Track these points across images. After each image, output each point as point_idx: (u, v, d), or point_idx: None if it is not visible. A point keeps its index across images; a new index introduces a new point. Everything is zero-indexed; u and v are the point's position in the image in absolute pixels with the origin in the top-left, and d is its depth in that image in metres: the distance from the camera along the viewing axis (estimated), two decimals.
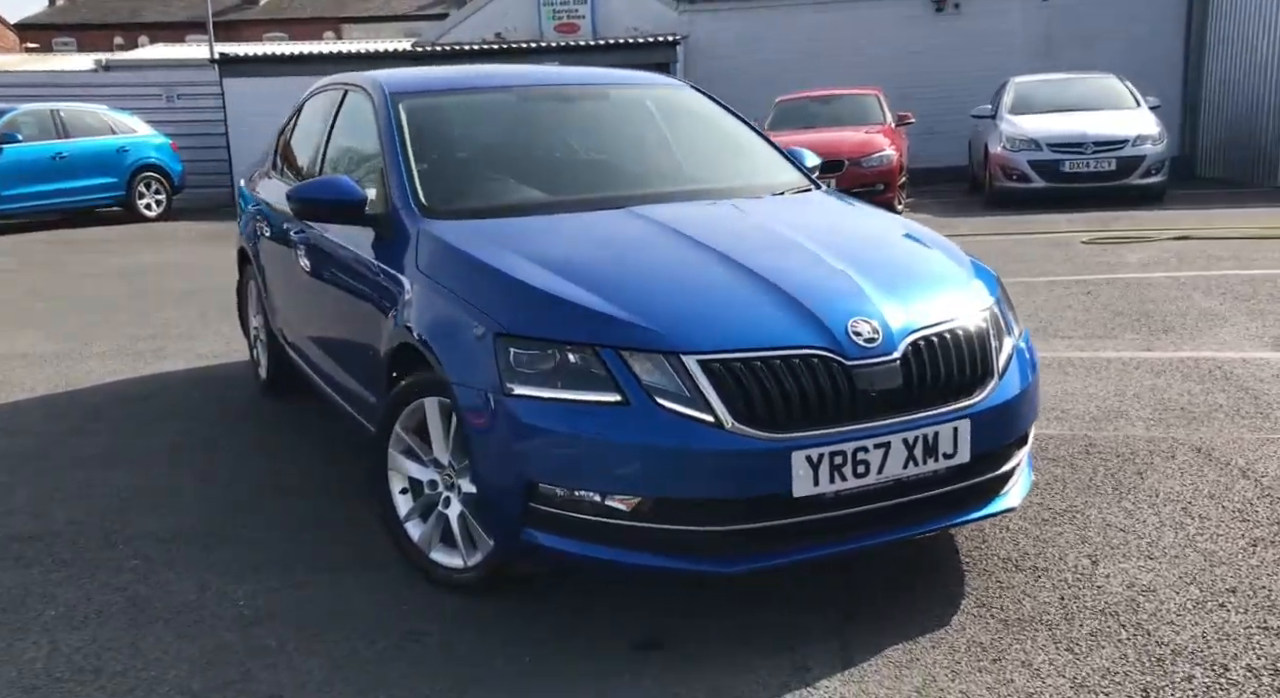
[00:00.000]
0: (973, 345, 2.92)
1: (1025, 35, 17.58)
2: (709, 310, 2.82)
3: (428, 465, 3.17)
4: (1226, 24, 16.37)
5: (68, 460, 4.47)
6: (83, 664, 2.79)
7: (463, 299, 3.00)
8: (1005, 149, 12.46)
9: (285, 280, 4.65)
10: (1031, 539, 3.34)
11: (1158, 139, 12.39)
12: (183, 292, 9.00)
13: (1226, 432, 4.23)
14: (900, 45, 17.47)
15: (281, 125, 5.37)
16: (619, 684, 2.63)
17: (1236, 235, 9.55)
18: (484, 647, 2.83)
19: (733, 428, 2.63)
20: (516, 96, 4.22)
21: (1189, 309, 6.49)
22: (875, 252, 3.31)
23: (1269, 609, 2.85)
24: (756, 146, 4.23)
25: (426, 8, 52.85)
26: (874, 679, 2.60)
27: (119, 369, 6.14)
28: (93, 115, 16.30)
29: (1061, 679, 2.56)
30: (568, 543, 2.77)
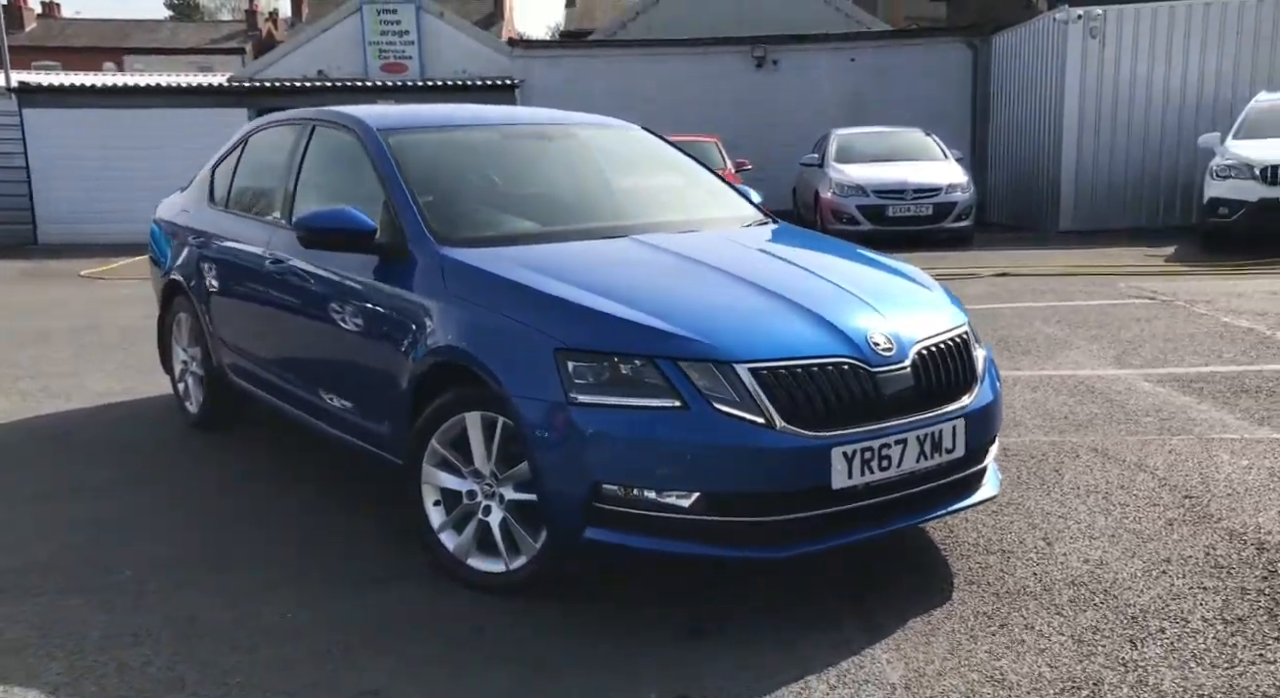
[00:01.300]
0: (962, 355, 3.37)
1: (835, 91, 18.85)
2: (750, 325, 3.16)
3: (466, 477, 3.36)
4: (1007, 90, 18.09)
5: (19, 497, 4.34)
6: (160, 677, 2.83)
7: (512, 319, 3.22)
8: (835, 194, 13.39)
9: (242, 312, 4.68)
10: (990, 527, 3.81)
11: (965, 187, 13.61)
12: (35, 331, 8.59)
13: (1111, 436, 4.88)
14: (726, 96, 18.40)
15: (215, 158, 5.37)
16: (680, 663, 2.89)
17: (1047, 272, 10.65)
18: (544, 639, 3.04)
19: (782, 428, 2.97)
20: (497, 134, 4.47)
21: (1036, 334, 7.28)
22: (865, 275, 3.73)
23: (1201, 573, 3.40)
24: (714, 183, 4.62)
25: (218, 42, 51.23)
26: (908, 645, 2.97)
27: (12, 409, 5.89)
28: None
29: (1062, 637, 3.01)
30: (629, 538, 3.03)
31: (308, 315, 4.12)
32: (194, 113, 18.11)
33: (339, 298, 3.93)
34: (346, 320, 3.87)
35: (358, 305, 3.82)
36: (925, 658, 2.90)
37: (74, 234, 17.63)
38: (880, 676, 2.81)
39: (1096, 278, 10.14)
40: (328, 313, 3.98)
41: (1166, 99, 15.33)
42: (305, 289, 4.14)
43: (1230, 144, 11.74)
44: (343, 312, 3.90)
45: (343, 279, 3.91)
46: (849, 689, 2.75)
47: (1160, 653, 2.89)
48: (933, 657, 2.91)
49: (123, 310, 9.68)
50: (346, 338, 3.88)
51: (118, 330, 8.53)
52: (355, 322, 3.83)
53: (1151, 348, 6.74)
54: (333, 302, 3.96)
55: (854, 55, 18.85)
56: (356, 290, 3.83)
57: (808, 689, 2.75)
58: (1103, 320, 7.77)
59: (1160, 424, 5.03)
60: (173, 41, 51.05)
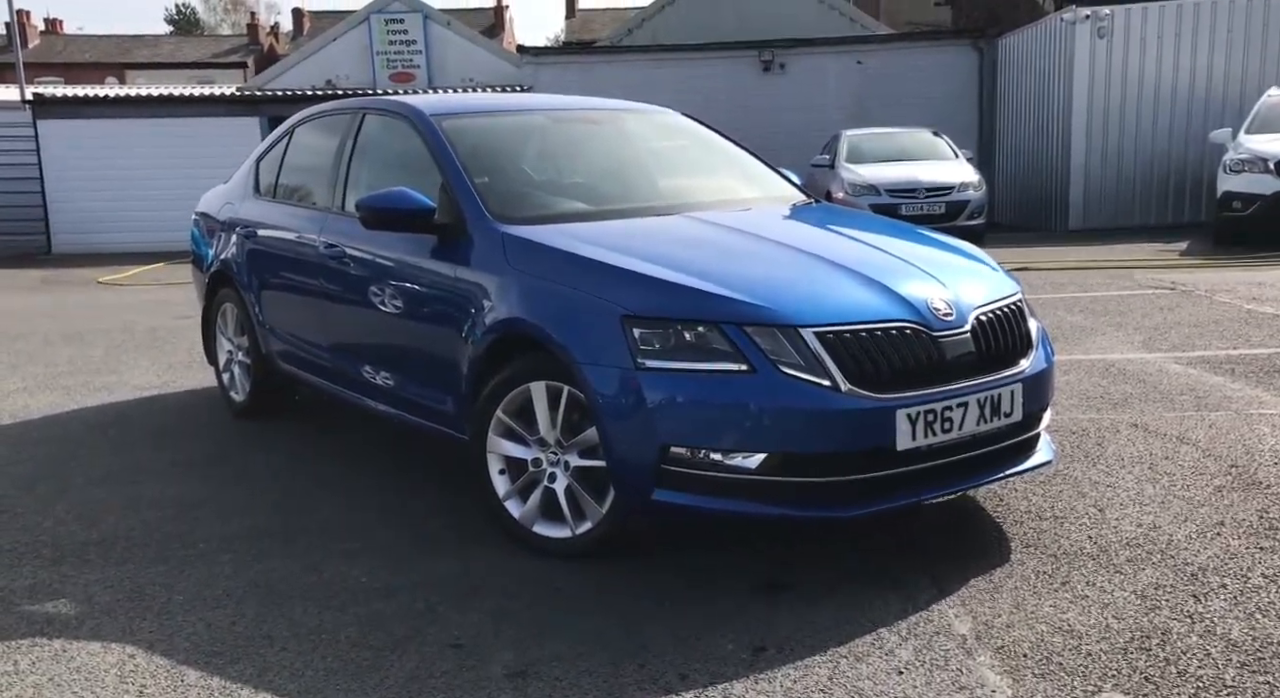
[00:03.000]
0: (1017, 321, 3.45)
1: (842, 94, 18.97)
2: (813, 291, 3.24)
3: (531, 445, 3.43)
4: (1014, 92, 18.22)
5: (83, 481, 4.42)
6: (250, 633, 2.91)
7: (578, 290, 3.30)
8: (848, 194, 13.47)
9: (294, 298, 4.76)
10: (1040, 496, 3.88)
11: (977, 186, 13.70)
12: (64, 334, 8.67)
13: (1149, 413, 4.95)
14: (733, 100, 18.51)
15: (259, 151, 5.46)
16: (764, 616, 2.97)
17: (1064, 266, 10.75)
18: (620, 595, 3.11)
19: (848, 391, 3.05)
20: (545, 119, 4.56)
21: (1062, 323, 7.36)
22: (918, 246, 3.81)
23: (1256, 535, 3.47)
24: (757, 165, 4.71)
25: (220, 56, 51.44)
26: (974, 601, 3.04)
27: (58, 402, 5.98)
28: None
29: (1125, 593, 3.07)
30: (699, 499, 3.10)
31: (363, 298, 4.19)
32: (206, 122, 18.24)
33: (396, 279, 4.01)
34: (404, 301, 3.96)
35: (416, 286, 3.90)
36: (992, 612, 2.97)
37: (88, 243, 17.73)
38: (950, 628, 2.88)
39: (1113, 271, 10.23)
40: (385, 295, 4.06)
41: (1175, 96, 15.46)
42: (360, 273, 4.22)
43: (1244, 138, 11.84)
44: (400, 293, 3.98)
45: (400, 261, 3.99)
46: (920, 641, 2.82)
47: (1225, 606, 2.96)
48: (999, 611, 2.98)
49: (147, 314, 9.77)
50: (405, 318, 3.96)
51: (147, 331, 8.61)
52: (413, 302, 3.91)
53: (1178, 333, 6.81)
54: (390, 283, 4.04)
55: (860, 58, 18.99)
56: (414, 271, 3.91)
57: (880, 640, 2.82)
58: (1125, 309, 7.85)
59: (1197, 402, 5.11)
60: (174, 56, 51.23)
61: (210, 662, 2.74)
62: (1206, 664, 2.64)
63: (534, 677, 2.65)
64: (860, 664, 2.70)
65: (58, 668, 2.75)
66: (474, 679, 2.64)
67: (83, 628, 2.98)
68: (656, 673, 2.66)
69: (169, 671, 2.70)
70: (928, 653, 2.75)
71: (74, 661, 2.78)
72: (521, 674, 2.66)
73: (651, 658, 2.74)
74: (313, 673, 2.68)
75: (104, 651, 2.83)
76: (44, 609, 3.12)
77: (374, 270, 4.14)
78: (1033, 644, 2.78)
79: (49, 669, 2.74)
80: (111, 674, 2.70)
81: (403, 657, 2.76)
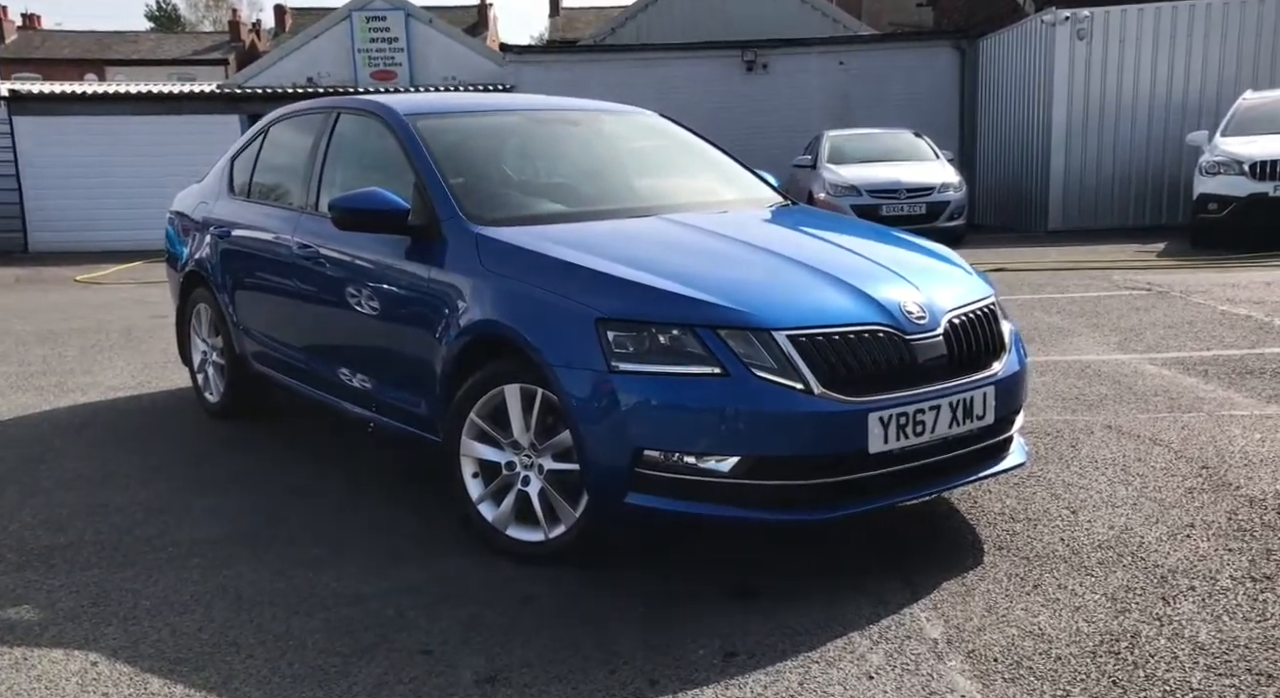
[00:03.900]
0: (990, 324, 3.46)
1: (825, 94, 19.00)
2: (786, 294, 3.23)
3: (505, 448, 3.41)
4: (994, 93, 18.28)
5: (52, 484, 4.38)
6: (218, 640, 2.88)
7: (552, 292, 3.29)
8: (829, 195, 13.49)
9: (267, 298, 4.72)
10: (1013, 498, 3.89)
11: (958, 187, 13.75)
12: (39, 333, 8.59)
13: (1123, 414, 4.97)
14: (716, 100, 18.52)
15: (233, 150, 5.42)
16: (729, 621, 2.96)
17: (1042, 267, 10.78)
18: (592, 602, 3.10)
19: (820, 393, 3.04)
20: (520, 119, 4.54)
21: (1039, 324, 7.39)
22: (892, 249, 3.81)
23: (1226, 536, 3.48)
24: (734, 167, 4.70)
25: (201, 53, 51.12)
26: (946, 605, 3.04)
27: (30, 403, 5.92)
28: None
29: (1096, 596, 3.08)
30: (670, 503, 3.09)
31: (336, 299, 4.17)
32: (186, 120, 18.12)
33: (370, 281, 3.98)
34: (378, 303, 3.93)
35: (389, 287, 3.88)
36: (964, 616, 2.97)
37: (65, 242, 17.58)
38: (921, 632, 2.88)
39: (1091, 272, 10.27)
40: (359, 296, 4.03)
41: (1153, 98, 15.54)
42: (333, 273, 4.19)
43: (1220, 141, 11.91)
44: (374, 294, 3.95)
45: (374, 262, 3.96)
46: (892, 645, 2.82)
47: (1194, 609, 2.97)
48: (971, 614, 2.98)
49: (123, 313, 9.69)
50: (378, 320, 3.93)
51: (121, 331, 8.54)
52: (387, 303, 3.88)
53: (1153, 334, 6.85)
54: (363, 284, 4.01)
55: (843, 58, 19.02)
56: (388, 272, 3.89)
57: (851, 645, 2.82)
58: (1101, 310, 7.88)
59: (1170, 403, 5.13)
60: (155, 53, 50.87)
61: (175, 669, 2.71)
62: (1174, 668, 2.64)
63: (503, 683, 2.63)
64: (831, 669, 2.69)
65: (17, 677, 2.71)
66: (442, 685, 2.62)
67: (45, 635, 2.94)
68: (626, 679, 2.65)
69: (132, 678, 2.67)
70: (899, 658, 2.74)
71: (34, 669, 2.75)
72: (490, 680, 2.64)
73: (621, 664, 2.73)
74: (279, 680, 2.65)
75: (66, 658, 2.79)
76: (5, 616, 3.08)
77: (348, 271, 4.11)
78: (1003, 648, 2.78)
79: (8, 678, 2.71)
80: (73, 683, 2.67)
81: (370, 663, 2.74)
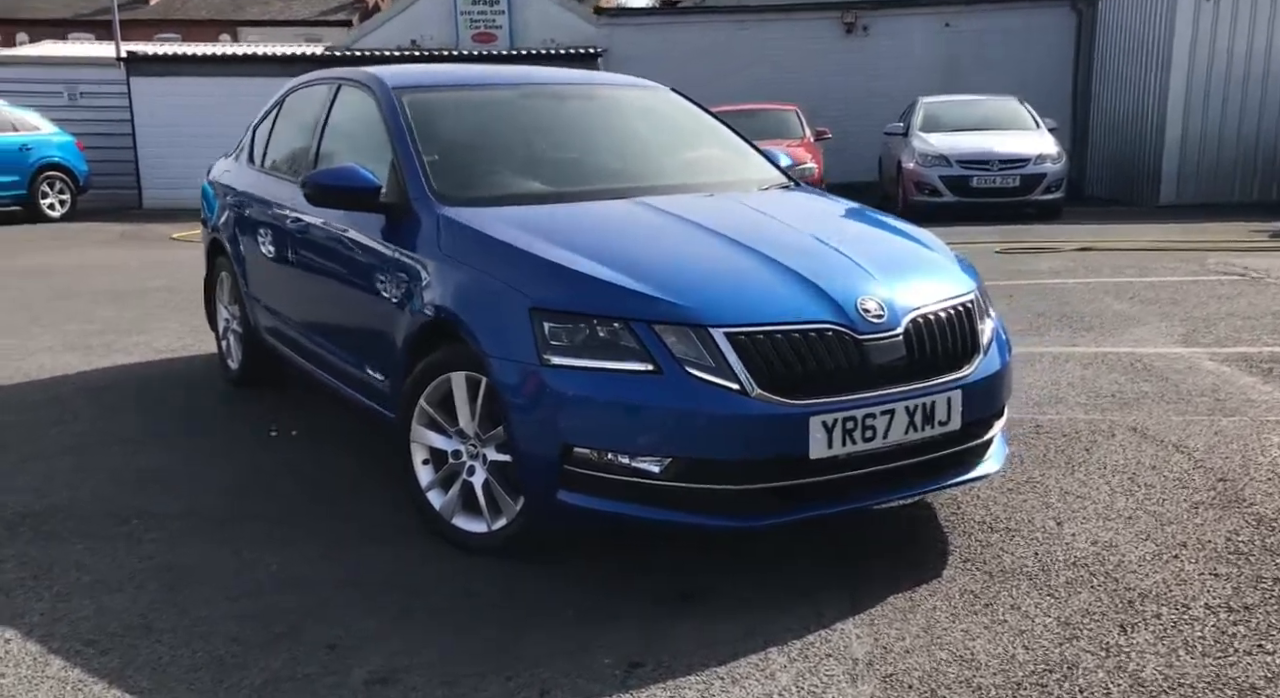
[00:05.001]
0: (963, 324, 3.24)
1: (928, 58, 18.36)
2: (732, 288, 3.08)
3: (452, 437, 3.35)
4: (1112, 57, 17.37)
5: (55, 448, 4.50)
6: (134, 622, 2.90)
7: (494, 278, 3.20)
8: (918, 164, 13.05)
9: (272, 270, 4.75)
10: (1001, 506, 3.67)
11: (1056, 158, 13.14)
12: (114, 291, 8.90)
13: (1156, 415, 4.65)
14: (812, 63, 18.07)
15: (256, 119, 5.45)
16: (661, 628, 2.85)
17: (1133, 247, 10.23)
18: (528, 602, 3.02)
19: (756, 395, 2.89)
20: (514, 94, 4.44)
21: (1104, 310, 6.99)
22: (868, 239, 3.61)
23: (1217, 560, 3.22)
24: (738, 145, 4.52)
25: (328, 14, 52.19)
26: (882, 622, 2.88)
27: (74, 363, 6.12)
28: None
29: (1048, 619, 2.88)
30: (601, 503, 2.99)
31: (321, 273, 4.17)
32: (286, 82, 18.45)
33: (347, 256, 3.96)
34: (353, 278, 3.91)
35: (364, 264, 3.84)
36: (897, 634, 2.81)
37: (176, 199, 18.16)
38: (845, 650, 2.73)
39: (1187, 253, 9.69)
40: (338, 271, 4.04)
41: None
42: (320, 248, 4.19)
43: None
44: (350, 270, 3.94)
45: (353, 238, 3.93)
46: (809, 663, 2.67)
47: (1149, 639, 2.75)
48: (905, 634, 2.81)
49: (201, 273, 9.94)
50: (352, 296, 3.92)
51: (190, 291, 8.72)
52: (361, 280, 3.86)
53: (1226, 326, 6.41)
54: (342, 260, 4.00)
55: (949, 20, 18.31)
56: (363, 249, 3.85)
57: (766, 661, 2.69)
58: (1179, 297, 7.42)
59: (1214, 405, 4.79)
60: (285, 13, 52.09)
61: (80, 652, 2.73)
62: None
63: (393, 684, 2.58)
64: (734, 688, 2.57)
65: None
66: (330, 685, 2.58)
67: None
68: (518, 687, 2.57)
69: (34, 659, 2.70)
70: (810, 678, 2.60)
71: None
72: (381, 682, 2.60)
73: (522, 670, 2.65)
74: (175, 669, 2.65)
75: None
76: None
77: (330, 246, 4.10)
78: (924, 674, 2.61)
79: None
80: None
81: (271, 656, 2.71)
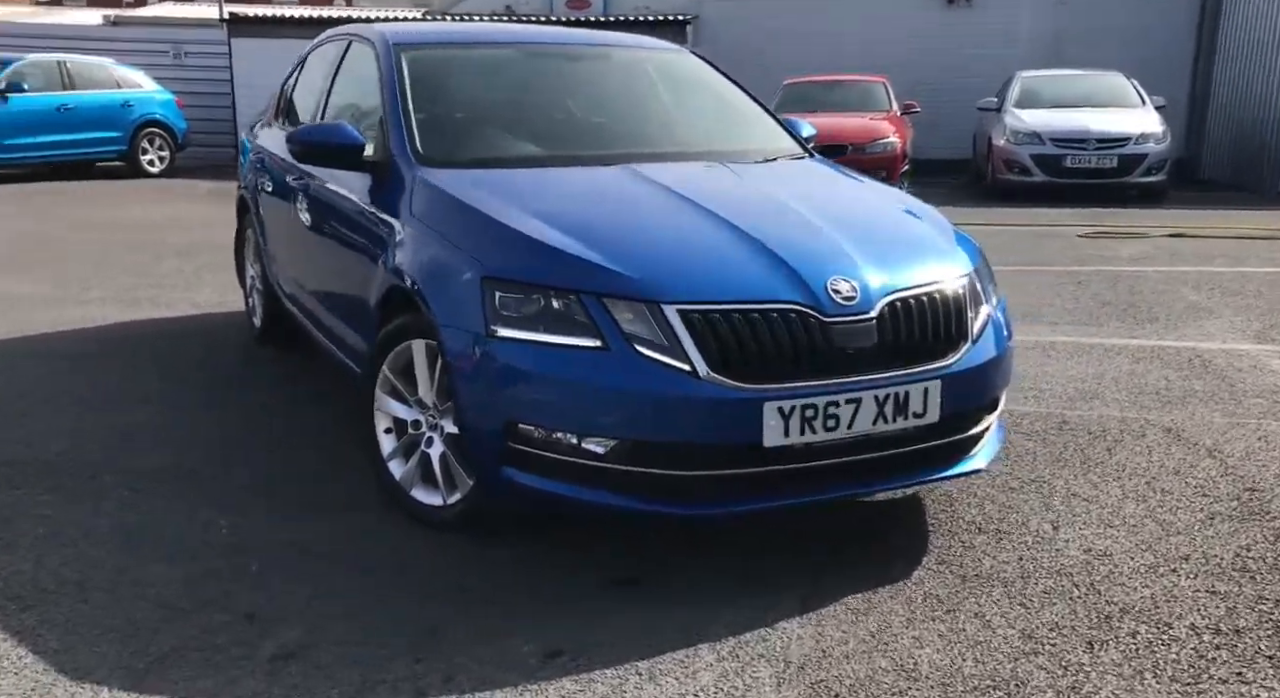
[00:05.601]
0: (949, 309, 3.00)
1: (1035, 30, 17.57)
2: (691, 263, 2.90)
3: (412, 406, 3.25)
4: (1238, 29, 16.37)
5: (64, 399, 4.55)
6: (67, 578, 2.89)
7: (453, 244, 3.08)
8: (1008, 142, 12.50)
9: (282, 228, 4.72)
10: (997, 505, 3.42)
11: (1160, 138, 12.43)
12: (183, 245, 9.05)
13: (1199, 415, 4.32)
14: (911, 35, 17.46)
15: (286, 76, 5.42)
16: (596, 614, 2.73)
17: (1230, 235, 9.63)
18: (467, 581, 2.92)
19: (707, 377, 2.71)
20: (519, 53, 4.30)
21: (1175, 301, 6.57)
22: (860, 215, 3.39)
23: (1218, 576, 2.94)
24: (753, 113, 4.31)
25: None
26: (831, 623, 2.69)
27: (116, 314, 6.21)
28: (100, 68, 16.26)
29: (1011, 631, 2.66)
30: (545, 482, 2.86)
31: (318, 232, 4.12)
32: None
33: (339, 215, 3.90)
34: (343, 238, 3.85)
35: (351, 223, 3.77)
36: (841, 638, 2.62)
37: None
38: (780, 651, 2.56)
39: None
40: (333, 230, 3.98)
41: None
42: (316, 206, 4.14)
43: None
44: (341, 230, 3.87)
45: (343, 196, 3.86)
46: (738, 663, 2.51)
47: (1115, 659, 2.51)
48: (850, 637, 2.62)
49: None
50: (342, 256, 3.85)
51: None
52: (349, 240, 3.79)
53: None
54: (334, 219, 3.94)
55: None
56: (351, 208, 3.78)
57: (691, 658, 2.53)
58: (1265, 290, 6.93)
59: (1268, 407, 4.42)
60: None
61: (3, 608, 2.71)
62: None
63: (297, 660, 2.50)
64: (649, 685, 2.43)
65: None
66: (236, 657, 2.50)
67: None
68: (424, 671, 2.46)
69: None
70: (731, 681, 2.44)
71: None
72: (288, 657, 2.51)
73: (433, 653, 2.54)
74: (88, 631, 2.61)
75: None
76: None
77: (324, 205, 4.04)
78: (856, 682, 2.42)
79: None
80: None
81: (186, 624, 2.65)
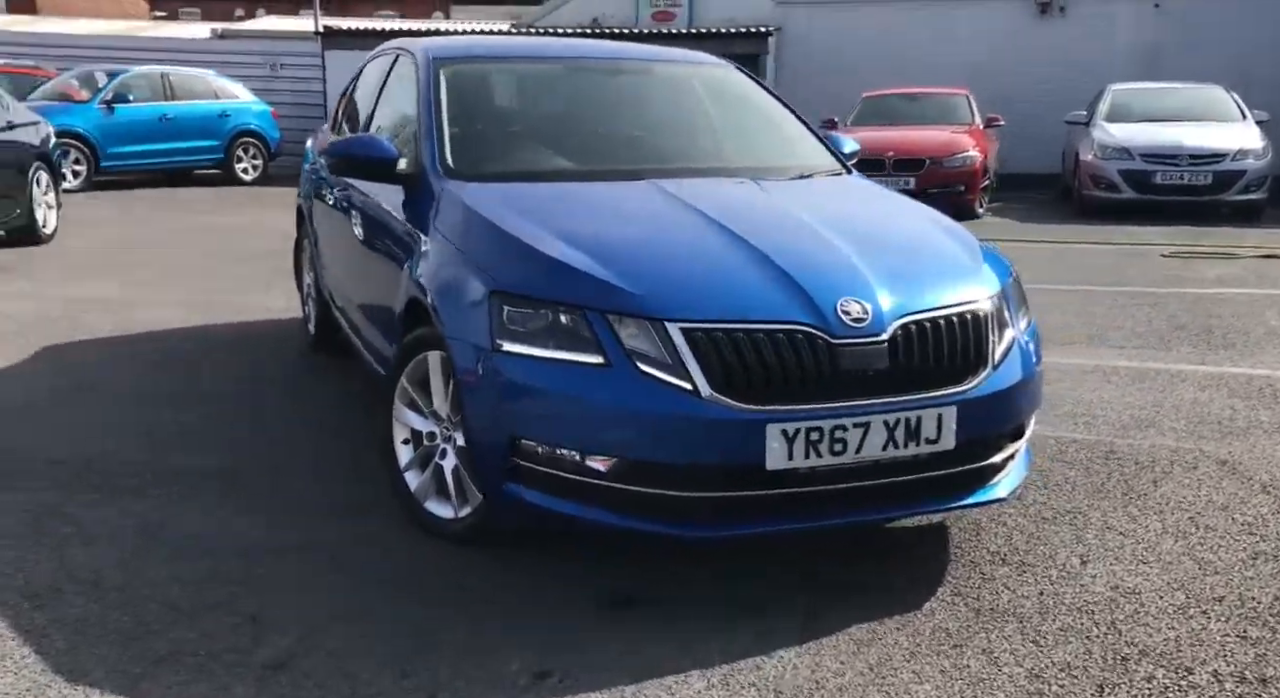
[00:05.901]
0: (968, 332, 2.91)
1: (1132, 41, 17.06)
2: (698, 281, 2.86)
3: (428, 418, 3.27)
4: None
5: (115, 398, 4.70)
6: (85, 579, 2.95)
7: (468, 257, 3.09)
8: (1096, 157, 12.14)
9: (331, 238, 4.80)
10: (1026, 536, 3.30)
11: (1260, 154, 11.93)
12: (263, 251, 9.25)
13: (1260, 447, 4.12)
14: (999, 46, 17.09)
15: (344, 88, 5.52)
16: (588, 636, 2.70)
17: None
18: (467, 597, 2.91)
19: (709, 397, 2.67)
20: (561, 68, 4.31)
21: (1255, 327, 6.29)
22: (884, 234, 3.31)
23: (1252, 620, 2.79)
24: (793, 130, 4.24)
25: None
26: (830, 653, 2.62)
27: (187, 318, 6.39)
28: (200, 80, 16.85)
29: (1018, 669, 2.55)
30: (547, 499, 2.84)
31: (358, 243, 4.17)
32: None
33: (375, 226, 3.95)
34: (377, 250, 3.90)
35: (385, 234, 3.82)
36: (838, 669, 2.55)
37: None
38: (774, 681, 2.50)
39: None
40: (368, 241, 4.04)
41: None
42: (357, 217, 4.19)
43: None
44: (376, 241, 3.92)
45: (380, 208, 3.91)
46: (727, 691, 2.46)
47: None
48: (847, 669, 2.55)
49: None
50: (375, 266, 3.91)
51: None
52: (382, 250, 3.84)
53: None
54: (371, 230, 3.99)
55: (1159, 1, 16.93)
56: (386, 220, 3.82)
57: (683, 684, 2.48)
58: None
59: None
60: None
61: (16, 606, 2.75)
62: None
63: (289, 670, 2.51)
64: None
65: None
66: (228, 664, 2.53)
67: None
68: (412, 687, 2.46)
69: None
70: None
71: None
72: (279, 667, 2.53)
73: (422, 669, 2.54)
74: (94, 632, 2.65)
75: None
76: None
77: (366, 216, 4.09)
78: None
79: None
80: None
81: (188, 626, 2.69)
